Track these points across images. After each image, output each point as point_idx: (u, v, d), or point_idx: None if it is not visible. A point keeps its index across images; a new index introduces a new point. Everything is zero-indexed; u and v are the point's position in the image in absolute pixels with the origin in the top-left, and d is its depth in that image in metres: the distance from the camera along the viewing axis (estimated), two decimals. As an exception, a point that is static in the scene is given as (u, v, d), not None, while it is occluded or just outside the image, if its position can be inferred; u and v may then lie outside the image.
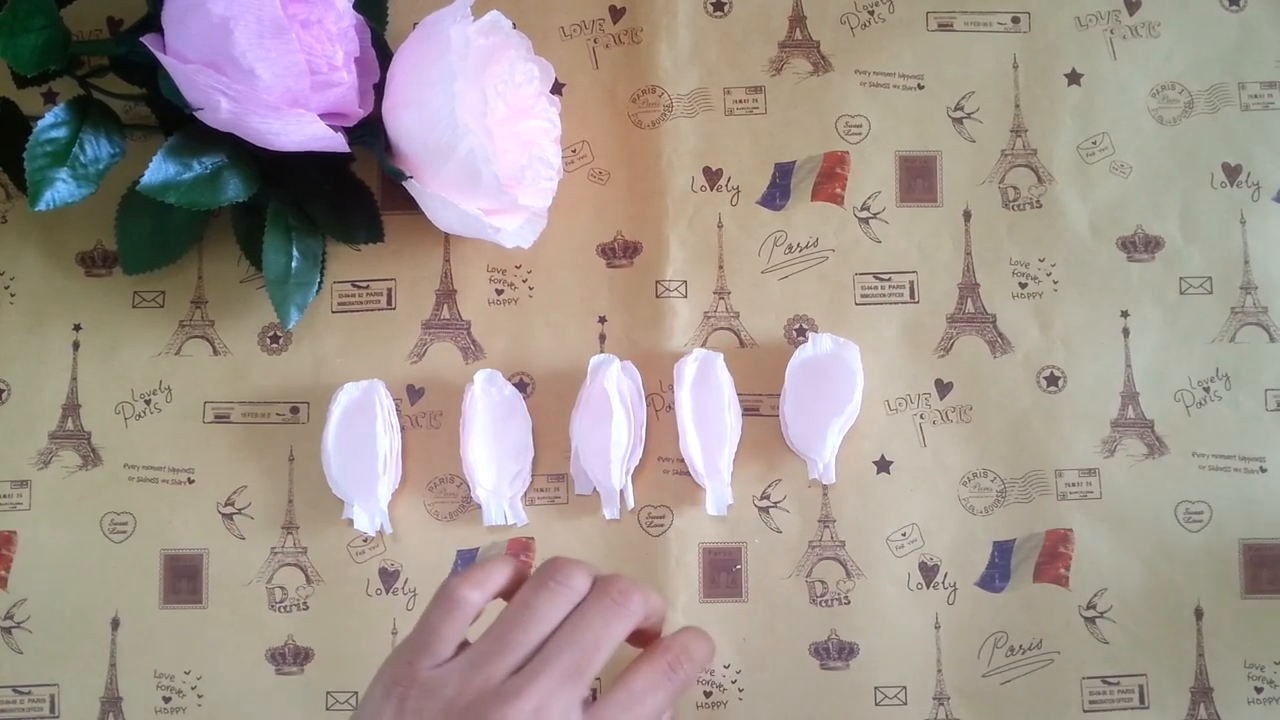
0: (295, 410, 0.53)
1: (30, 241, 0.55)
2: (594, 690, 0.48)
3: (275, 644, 0.52)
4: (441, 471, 0.53)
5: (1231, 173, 0.55)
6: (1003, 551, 0.52)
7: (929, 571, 0.52)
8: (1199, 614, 0.52)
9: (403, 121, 0.48)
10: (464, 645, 0.39)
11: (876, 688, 0.51)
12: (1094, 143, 0.55)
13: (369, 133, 0.50)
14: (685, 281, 0.54)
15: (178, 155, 0.47)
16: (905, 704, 0.51)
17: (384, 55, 0.51)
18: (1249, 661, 0.51)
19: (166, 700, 0.51)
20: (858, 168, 0.55)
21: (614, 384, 0.51)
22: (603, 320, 0.54)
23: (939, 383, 0.53)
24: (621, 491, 0.51)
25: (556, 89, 0.55)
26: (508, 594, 0.40)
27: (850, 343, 0.52)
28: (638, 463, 0.52)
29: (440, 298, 0.54)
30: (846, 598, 0.52)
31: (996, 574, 0.52)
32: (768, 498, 0.52)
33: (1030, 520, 0.52)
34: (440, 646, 0.38)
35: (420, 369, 0.54)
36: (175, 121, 0.48)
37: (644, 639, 0.41)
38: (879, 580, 0.52)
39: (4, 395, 0.53)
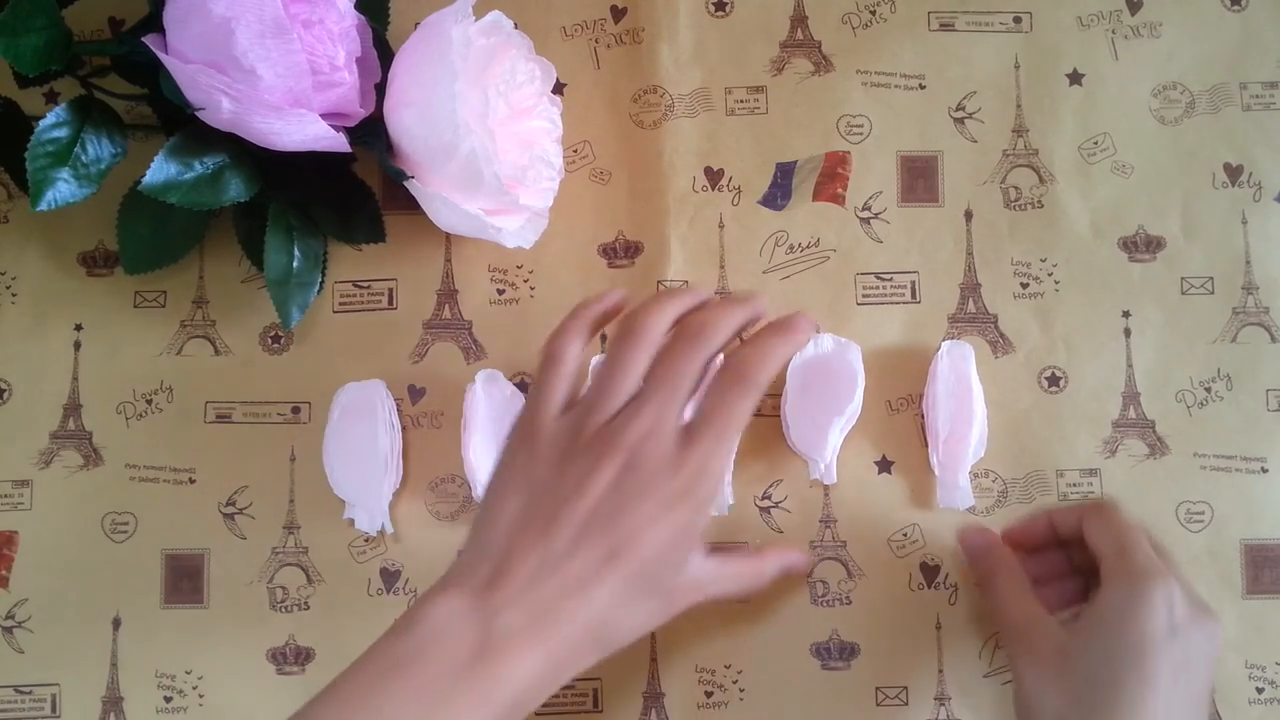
0: (297, 410, 0.53)
1: (32, 241, 0.55)
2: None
3: (276, 644, 0.52)
4: (443, 471, 0.53)
5: (1233, 173, 0.55)
6: (1004, 552, 0.52)
7: (930, 572, 0.52)
8: (1200, 614, 0.52)
9: (404, 121, 0.48)
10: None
11: (877, 688, 0.51)
12: (1095, 143, 0.55)
13: (370, 133, 0.50)
14: (686, 282, 0.54)
15: (179, 155, 0.47)
16: (906, 704, 0.51)
17: (385, 55, 0.51)
18: (1250, 662, 0.51)
19: (168, 700, 0.51)
20: (859, 168, 0.55)
21: None
22: (604, 320, 0.54)
23: (940, 383, 0.53)
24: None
25: (558, 89, 0.55)
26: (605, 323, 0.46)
27: (852, 343, 0.52)
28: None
29: (441, 298, 0.54)
30: (848, 598, 0.52)
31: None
32: (768, 498, 0.52)
33: (1031, 520, 0.52)
34: (555, 398, 0.43)
35: (421, 369, 0.54)
36: (177, 121, 0.48)
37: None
38: (880, 580, 0.52)
39: (5, 395, 0.53)
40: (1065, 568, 0.49)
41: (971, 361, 0.52)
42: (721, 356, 0.44)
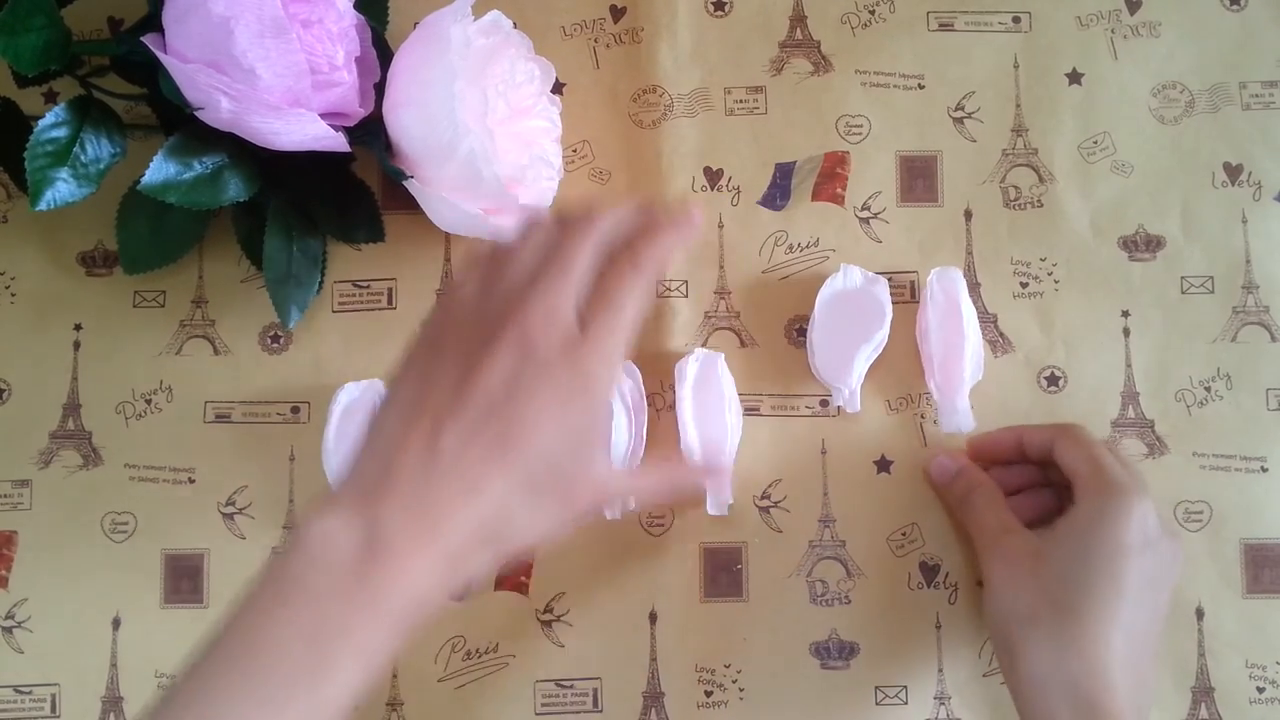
0: (296, 410, 0.53)
1: (31, 241, 0.55)
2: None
3: (276, 644, 0.52)
4: (442, 471, 0.53)
5: (1233, 172, 0.55)
6: (1003, 551, 0.52)
7: (929, 571, 0.52)
8: (1200, 614, 0.52)
9: (403, 121, 0.48)
10: None
11: (877, 687, 0.51)
12: (1095, 142, 0.55)
13: (370, 132, 0.50)
14: (686, 281, 0.54)
15: (178, 155, 0.47)
16: (906, 703, 0.51)
17: (384, 55, 0.51)
18: (1250, 661, 0.51)
19: (167, 700, 0.51)
20: (858, 168, 0.55)
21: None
22: (603, 320, 0.54)
23: (940, 382, 0.53)
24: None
25: (557, 89, 0.55)
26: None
27: (880, 277, 0.53)
28: (639, 463, 0.52)
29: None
30: (847, 597, 0.52)
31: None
32: (768, 498, 0.52)
33: (1031, 520, 0.52)
34: (460, 289, 0.41)
35: (421, 369, 0.54)
36: (176, 121, 0.48)
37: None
38: (879, 580, 0.52)
39: (5, 395, 0.53)
40: (1038, 479, 0.50)
41: (961, 285, 0.52)
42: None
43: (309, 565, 0.36)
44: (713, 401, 0.51)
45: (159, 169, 0.47)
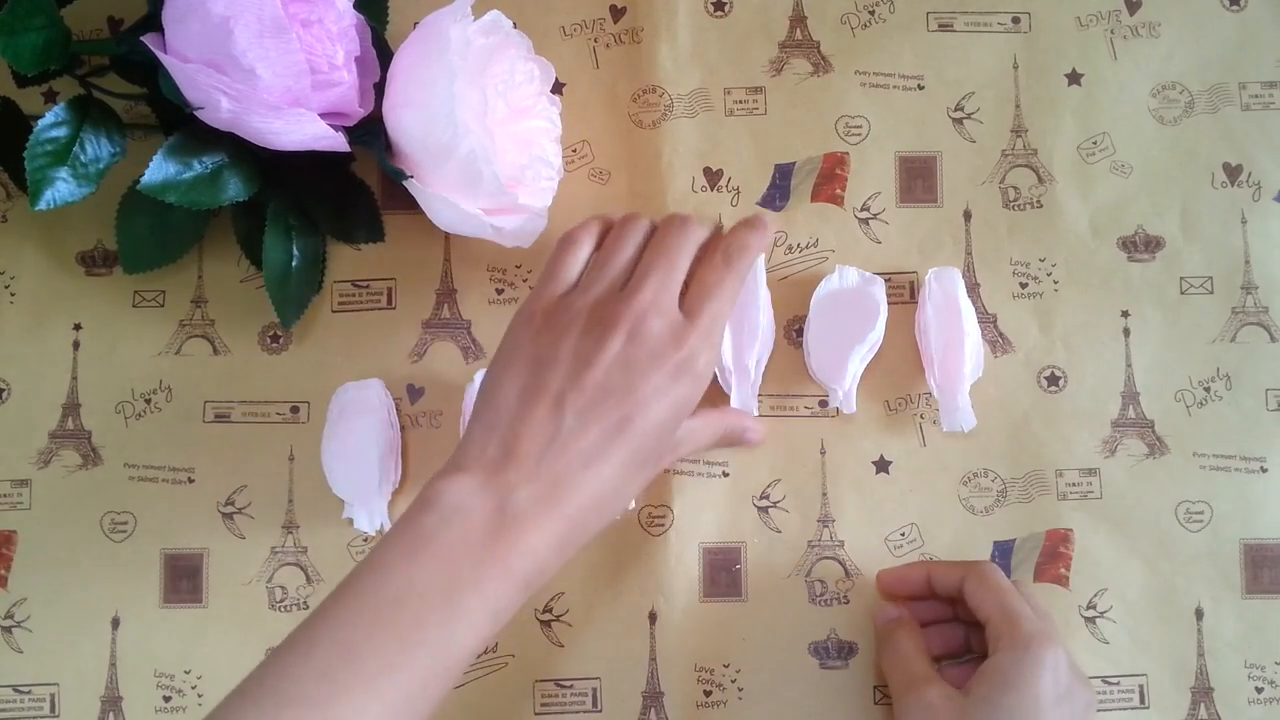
0: (295, 410, 0.53)
1: (30, 241, 0.55)
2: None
3: (275, 643, 0.51)
4: (441, 471, 0.53)
5: (1232, 172, 0.55)
6: (1003, 551, 0.52)
7: (929, 571, 0.52)
8: (1199, 614, 0.52)
9: (403, 121, 0.48)
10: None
11: (876, 687, 0.51)
12: (1094, 143, 0.55)
13: (369, 132, 0.50)
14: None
15: (178, 155, 0.47)
16: (905, 704, 0.51)
17: (384, 55, 0.51)
18: (1250, 661, 0.51)
19: (167, 700, 0.51)
20: (858, 168, 0.55)
21: None
22: (603, 320, 0.54)
23: (939, 383, 0.53)
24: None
25: (557, 89, 0.55)
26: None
27: (876, 277, 0.53)
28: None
29: (440, 297, 0.54)
30: (846, 597, 0.52)
31: (997, 574, 0.52)
32: (767, 498, 0.52)
33: (1030, 520, 0.52)
34: (562, 278, 0.45)
35: (420, 368, 0.54)
36: (175, 121, 0.48)
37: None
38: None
39: (4, 394, 0.53)
40: (947, 614, 0.50)
41: (959, 284, 0.52)
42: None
43: (443, 525, 0.39)
44: (748, 300, 0.52)
45: (159, 169, 0.47)
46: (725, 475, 0.52)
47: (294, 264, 0.51)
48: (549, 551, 0.40)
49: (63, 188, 0.47)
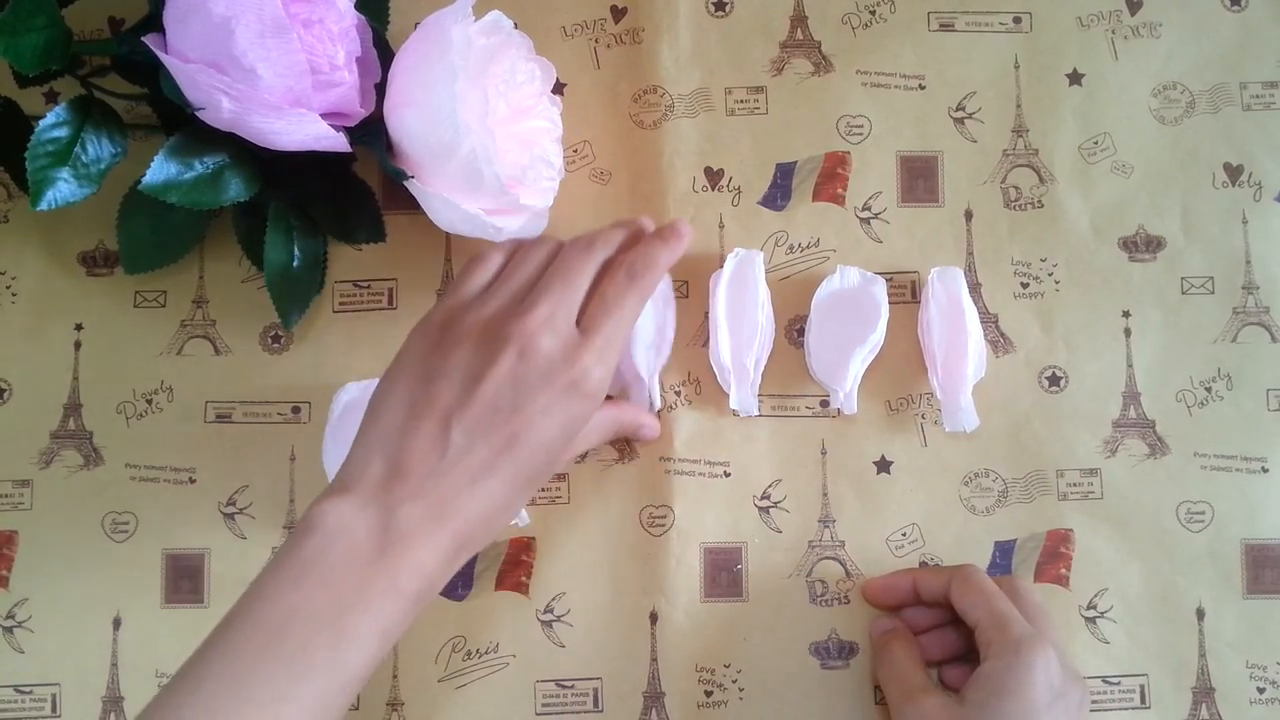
0: (297, 410, 0.53)
1: (32, 241, 0.55)
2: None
3: (276, 643, 0.52)
4: (443, 471, 0.53)
5: (1233, 172, 0.55)
6: (1004, 551, 0.52)
7: (930, 571, 0.52)
8: (1200, 614, 0.52)
9: (404, 121, 0.48)
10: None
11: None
12: (1095, 143, 0.55)
13: (370, 132, 0.50)
14: (686, 282, 0.54)
15: (179, 155, 0.47)
16: (906, 704, 0.51)
17: (385, 55, 0.51)
18: (1251, 662, 0.51)
19: (168, 700, 0.51)
20: (859, 168, 0.55)
21: None
22: (604, 320, 0.54)
23: (940, 383, 0.53)
24: (650, 391, 0.52)
25: (558, 89, 0.55)
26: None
27: (878, 277, 0.53)
28: (666, 360, 0.52)
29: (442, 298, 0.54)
30: (846, 597, 0.52)
31: (997, 574, 0.52)
32: (768, 498, 0.52)
33: (1031, 520, 0.52)
34: (464, 292, 0.45)
35: (421, 369, 0.54)
36: (177, 121, 0.48)
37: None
38: (880, 580, 0.52)
39: (5, 395, 0.53)
40: (940, 620, 0.50)
41: (962, 284, 0.52)
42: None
43: (326, 548, 0.39)
44: (747, 299, 0.52)
45: (160, 169, 0.47)
46: (726, 475, 0.52)
47: (295, 264, 0.51)
48: (437, 567, 0.40)
49: (64, 188, 0.47)
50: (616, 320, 0.44)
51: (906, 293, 0.54)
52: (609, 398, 0.51)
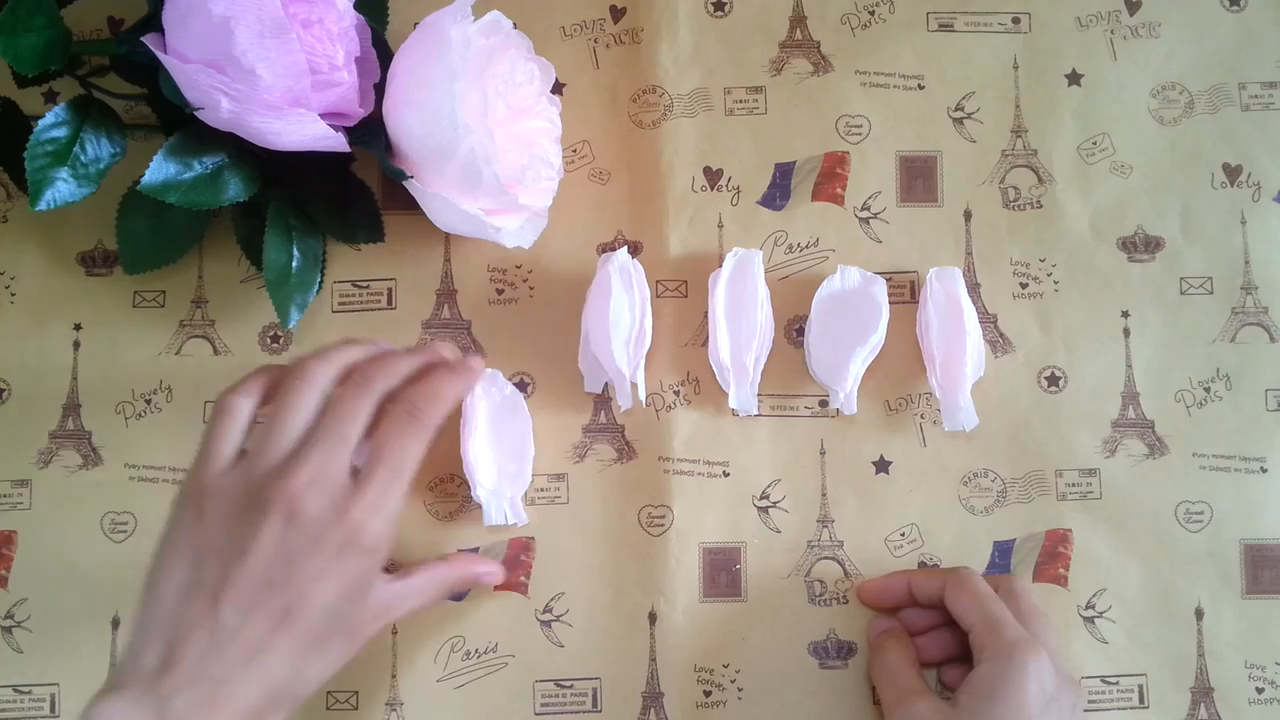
0: (296, 410, 0.53)
1: (31, 241, 0.55)
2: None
3: (275, 643, 0.52)
4: (442, 471, 0.53)
5: (1232, 173, 0.55)
6: (1002, 551, 0.52)
7: (929, 571, 0.52)
8: (1199, 614, 0.52)
9: (403, 121, 0.48)
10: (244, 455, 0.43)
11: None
12: (1094, 143, 0.55)
13: (369, 132, 0.50)
14: (685, 282, 0.54)
15: (178, 155, 0.47)
16: (905, 704, 0.51)
17: (384, 55, 0.51)
18: (1250, 662, 0.51)
19: (167, 700, 0.51)
20: (858, 168, 0.55)
21: (617, 268, 0.51)
22: (603, 320, 0.54)
23: (939, 383, 0.53)
24: (634, 384, 0.51)
25: (557, 89, 0.55)
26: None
27: (878, 277, 0.53)
28: (647, 349, 0.52)
29: (440, 297, 0.54)
30: (845, 597, 0.52)
31: (996, 574, 0.52)
32: (767, 498, 0.52)
33: (1030, 520, 0.52)
34: (219, 453, 0.42)
35: (421, 369, 0.54)
36: (176, 121, 0.48)
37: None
38: (879, 580, 0.52)
39: (4, 395, 0.53)
40: (936, 621, 0.50)
41: (961, 284, 0.52)
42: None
43: None
44: (746, 298, 0.52)
45: (159, 169, 0.47)
46: (725, 475, 0.52)
47: (294, 264, 0.51)
48: None
49: (63, 188, 0.47)
50: (392, 467, 0.42)
51: (905, 293, 0.54)
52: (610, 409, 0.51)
